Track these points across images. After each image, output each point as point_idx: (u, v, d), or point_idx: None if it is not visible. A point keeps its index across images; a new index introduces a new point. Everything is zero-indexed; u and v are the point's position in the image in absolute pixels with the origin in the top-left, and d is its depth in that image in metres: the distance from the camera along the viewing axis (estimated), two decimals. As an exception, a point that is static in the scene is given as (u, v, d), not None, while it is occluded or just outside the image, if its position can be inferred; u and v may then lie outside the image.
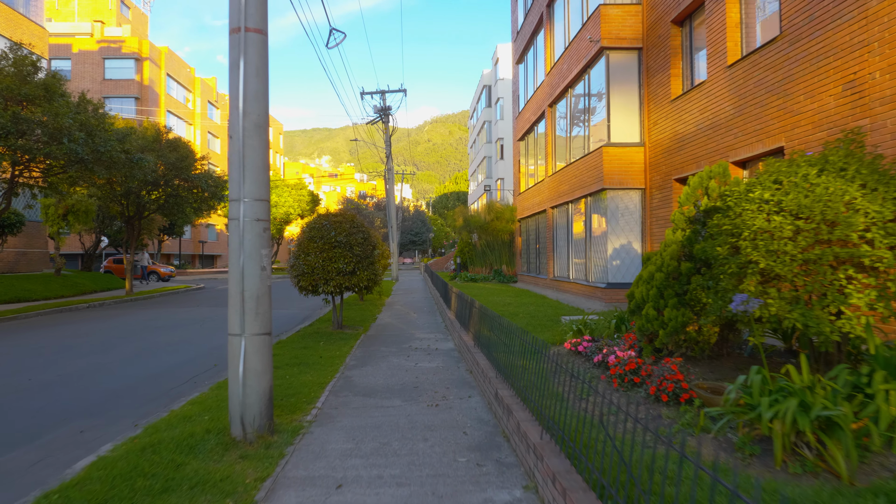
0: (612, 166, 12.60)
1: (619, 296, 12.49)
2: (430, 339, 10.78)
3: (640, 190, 12.79)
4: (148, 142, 23.61)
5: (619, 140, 12.82)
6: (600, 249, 13.35)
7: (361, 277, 11.87)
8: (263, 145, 5.07)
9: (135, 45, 51.46)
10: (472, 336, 8.47)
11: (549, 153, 18.13)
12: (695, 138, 10.38)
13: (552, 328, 10.26)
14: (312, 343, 10.48)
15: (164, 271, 36.74)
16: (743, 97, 8.78)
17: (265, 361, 5.00)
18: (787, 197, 4.31)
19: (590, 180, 13.65)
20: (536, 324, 10.88)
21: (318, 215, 12.58)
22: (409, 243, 79.27)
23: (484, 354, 7.22)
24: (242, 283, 4.90)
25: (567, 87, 15.67)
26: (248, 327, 4.90)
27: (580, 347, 7.08)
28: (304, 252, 11.92)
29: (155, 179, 22.72)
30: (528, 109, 21.10)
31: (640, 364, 5.65)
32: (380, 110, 33.73)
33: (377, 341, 10.75)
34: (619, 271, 12.74)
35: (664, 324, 5.87)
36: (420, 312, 15.74)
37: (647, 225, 12.57)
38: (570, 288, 15.62)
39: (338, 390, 6.83)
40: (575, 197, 14.93)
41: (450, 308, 12.35)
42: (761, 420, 3.55)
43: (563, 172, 16.23)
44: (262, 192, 5.02)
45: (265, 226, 5.04)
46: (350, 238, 11.91)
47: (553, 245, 17.98)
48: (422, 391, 6.71)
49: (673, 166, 11.31)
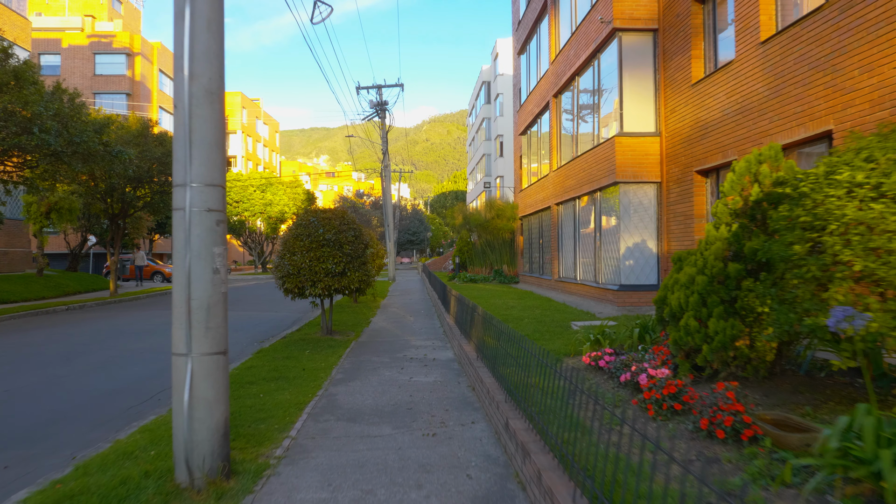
0: (625, 158, 11.59)
1: (632, 299, 11.50)
2: (427, 348, 9.78)
3: (655, 184, 11.79)
4: (132, 135, 22.55)
5: (633, 130, 11.81)
6: (611, 248, 12.35)
7: (352, 279, 10.88)
8: (216, 117, 4.06)
9: (126, 39, 50.37)
10: (474, 346, 7.47)
11: (553, 147, 17.11)
12: (720, 125, 9.38)
13: (562, 335, 9.26)
14: (297, 352, 9.48)
15: (168, 272, 35.74)
16: (780, 76, 7.78)
17: (219, 388, 3.99)
18: (888, 179, 3.31)
19: (600, 174, 12.64)
20: (545, 330, 9.88)
21: (305, 211, 11.60)
22: (406, 242, 78.31)
23: (489, 369, 6.22)
24: (189, 290, 3.89)
25: (574, 74, 14.66)
26: (195, 345, 3.89)
27: (602, 362, 6.07)
28: (289, 251, 10.94)
29: (139, 175, 21.66)
30: (530, 101, 20.08)
31: (680, 387, 4.64)
32: (376, 105, 32.69)
33: (369, 349, 9.74)
34: (633, 272, 11.73)
35: (708, 337, 4.86)
36: (417, 316, 14.74)
37: (664, 222, 11.56)
38: (578, 290, 14.62)
39: (318, 413, 5.82)
40: (583, 192, 13.93)
41: (449, 312, 11.35)
42: (884, 482, 2.55)
43: (570, 166, 15.23)
44: (214, 175, 4.00)
45: (219, 218, 4.03)
46: (340, 236, 10.92)
47: (558, 244, 16.97)
48: (417, 414, 5.70)
49: (694, 157, 10.31)
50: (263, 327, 13.70)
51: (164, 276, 35.84)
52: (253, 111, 78.01)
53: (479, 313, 7.10)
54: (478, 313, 7.26)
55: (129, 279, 35.91)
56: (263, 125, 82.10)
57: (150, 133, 23.22)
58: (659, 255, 11.73)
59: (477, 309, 7.45)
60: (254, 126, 77.86)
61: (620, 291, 11.59)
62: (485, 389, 5.68)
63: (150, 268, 36.22)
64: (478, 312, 7.28)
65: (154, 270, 36.16)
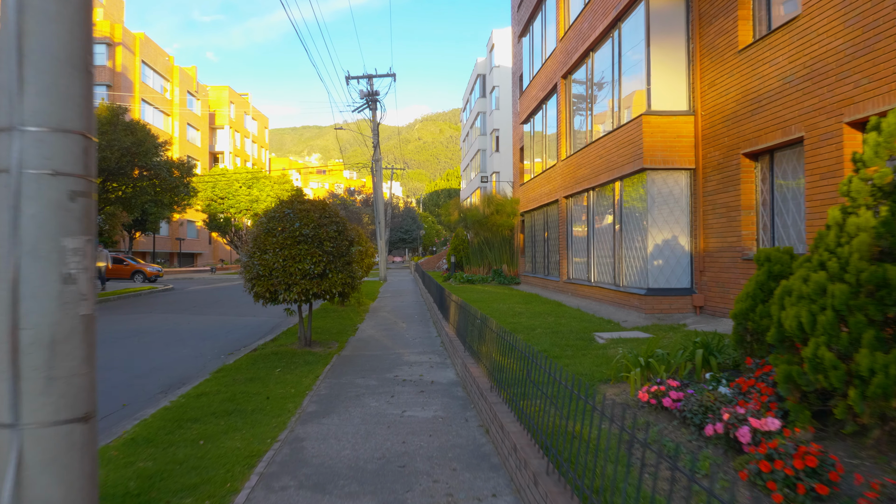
0: (653, 141, 9.95)
1: (662, 305, 9.87)
2: (424, 365, 8.12)
3: (687, 171, 10.15)
4: (100, 123, 20.75)
5: (662, 108, 10.16)
6: (636, 246, 10.71)
7: (334, 281, 9.22)
8: (74, 13, 2.36)
9: (106, 28, 48.31)
10: (484, 370, 5.81)
11: (562, 133, 15.45)
12: (779, 96, 7.76)
13: (588, 351, 7.63)
14: (265, 370, 7.80)
15: (150, 270, 33.84)
16: (872, 27, 6.17)
17: (73, 482, 2.31)
18: None
19: (622, 160, 11.00)
20: (564, 343, 8.24)
21: (280, 202, 9.92)
22: (398, 241, 76.62)
23: (508, 406, 4.58)
24: (14, 313, 2.21)
25: (588, 50, 13.01)
26: (28, 409, 2.21)
27: (667, 401, 4.42)
28: (259, 249, 9.28)
29: (107, 166, 19.88)
30: (534, 86, 18.41)
31: (820, 456, 3.01)
32: (366, 95, 30.92)
33: (353, 367, 8.07)
34: (663, 274, 10.09)
35: (855, 377, 3.22)
36: (410, 322, 13.08)
37: (699, 214, 9.91)
38: (592, 293, 12.98)
39: (275, 474, 4.15)
40: (600, 182, 12.27)
41: (448, 321, 9.69)
42: None
43: (583, 154, 13.58)
44: (67, 113, 2.32)
45: (76, 187, 2.34)
46: (320, 231, 9.27)
47: (567, 241, 15.31)
48: (412, 477, 4.04)
49: (741, 137, 8.68)
50: (237, 335, 12.03)
51: (145, 275, 33.95)
52: (241, 106, 75.97)
53: (492, 329, 5.44)
54: (490, 328, 5.61)
55: (111, 278, 33.95)
56: (252, 121, 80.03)
57: (121, 121, 21.44)
58: (692, 253, 10.09)
59: (488, 322, 5.79)
60: (242, 121, 75.83)
61: (648, 296, 9.95)
62: (507, 441, 4.03)
63: (130, 266, 34.22)
64: (489, 327, 5.63)
65: (134, 269, 34.17)
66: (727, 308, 9.03)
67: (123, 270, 33.89)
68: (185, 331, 12.50)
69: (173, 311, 16.66)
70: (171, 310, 17.24)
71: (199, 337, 11.68)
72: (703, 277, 9.77)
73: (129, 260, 34.56)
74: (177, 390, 7.11)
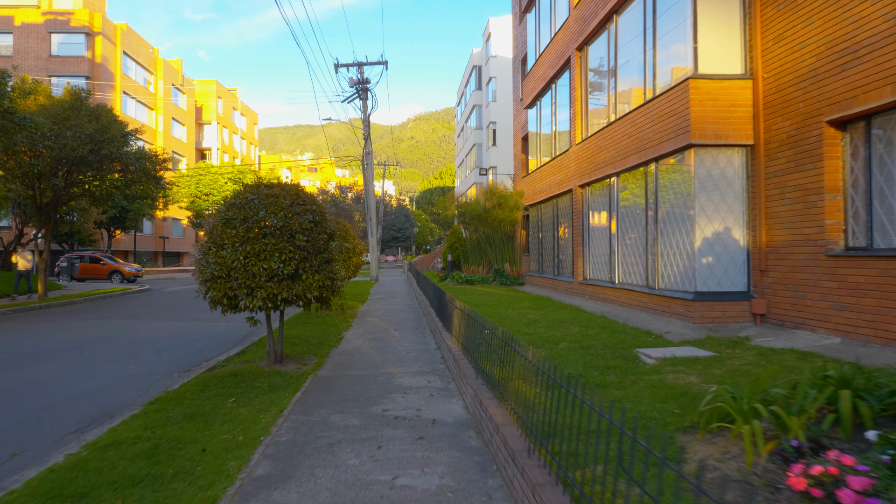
0: (703, 111, 8.11)
1: (714, 312, 8.03)
2: (421, 392, 6.25)
3: (743, 148, 8.33)
4: (61, 108, 18.69)
5: (712, 71, 8.33)
6: (678, 241, 8.87)
7: (309, 284, 7.39)
8: None
9: (85, 17, 46.10)
10: (511, 414, 3.93)
11: (577, 114, 13.58)
12: (888, 40, 5.95)
13: (636, 374, 5.79)
14: (215, 401, 5.92)
15: (129, 270, 31.88)
16: None
17: None
18: None
19: (659, 136, 9.16)
20: (601, 363, 6.39)
21: (245, 187, 8.05)
22: (391, 239, 74.64)
23: (561, 485, 2.72)
24: None
25: (611, 12, 11.16)
26: None
27: (847, 497, 2.56)
28: (215, 244, 7.43)
29: (66, 154, 17.83)
30: (542, 64, 16.52)
31: None
32: (356, 83, 28.99)
33: (330, 395, 6.20)
34: (713, 274, 8.25)
35: None
36: (403, 329, 11.23)
37: (760, 200, 8.05)
38: (617, 296, 11.12)
39: None
40: (628, 166, 10.42)
41: (450, 331, 7.84)
42: None
43: (605, 134, 11.73)
44: None
45: None
46: (290, 221, 7.43)
47: (583, 237, 13.43)
48: None
49: (825, 100, 6.82)
50: (202, 345, 10.20)
51: (123, 275, 31.93)
52: (229, 101, 73.69)
53: (531, 360, 3.57)
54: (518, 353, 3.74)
55: (87, 279, 31.81)
56: (241, 116, 77.75)
57: (85, 106, 19.38)
58: (749, 249, 8.26)
59: (517, 346, 3.92)
60: (230, 117, 73.55)
61: (696, 302, 8.10)
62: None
63: (107, 266, 32.18)
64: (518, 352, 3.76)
65: (112, 269, 32.13)
66: (802, 317, 7.21)
67: (100, 270, 31.86)
68: (142, 340, 10.63)
69: (139, 316, 14.75)
70: (138, 314, 15.34)
71: (156, 348, 9.81)
72: (764, 278, 7.94)
73: (107, 259, 32.44)
74: (94, 430, 5.24)
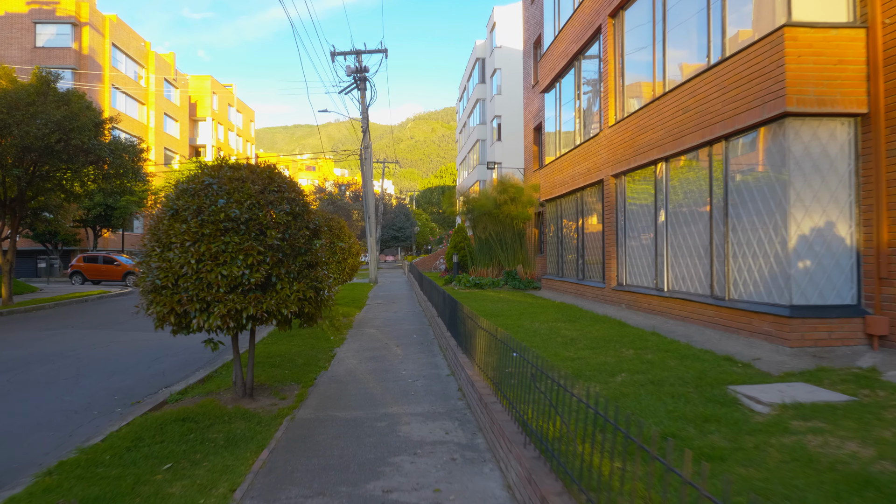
0: (802, 69, 6.23)
1: (818, 333, 6.14)
2: (438, 457, 4.29)
3: (852, 118, 6.46)
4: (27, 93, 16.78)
5: (811, 19, 6.46)
6: (762, 239, 6.96)
7: (286, 297, 5.50)
8: None
9: (71, 7, 44.16)
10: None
11: (610, 90, 11.66)
12: None
13: (749, 433, 3.88)
14: (141, 469, 3.98)
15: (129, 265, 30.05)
16: None
17: None
18: None
19: (734, 106, 7.25)
20: (689, 411, 4.48)
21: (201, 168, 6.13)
22: (390, 239, 72.65)
23: None
24: None
25: (658, -36, 9.29)
26: None
27: None
28: (160, 243, 5.52)
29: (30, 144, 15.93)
30: (563, 39, 14.59)
31: None
32: (354, 72, 27.07)
33: (309, 454, 4.27)
34: (814, 283, 6.34)
35: None
36: (407, 345, 9.33)
37: (880, 187, 6.13)
38: (667, 307, 9.20)
39: None
40: (685, 147, 8.51)
41: (469, 354, 5.93)
42: None
43: (650, 111, 9.82)
44: None
45: None
46: (260, 213, 5.53)
47: (618, 235, 11.50)
48: None
49: None
50: (165, 364, 8.38)
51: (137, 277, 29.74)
52: (224, 97, 71.68)
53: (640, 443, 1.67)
54: (630, 437, 1.86)
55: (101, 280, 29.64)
56: (237, 113, 75.72)
57: (52, 90, 17.47)
58: (860, 250, 6.38)
59: (612, 415, 2.01)
60: (226, 113, 71.53)
61: (794, 319, 6.19)
62: None
63: (122, 267, 29.85)
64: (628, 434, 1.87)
65: (127, 271, 29.70)
66: (949, 341, 5.34)
67: (115, 271, 29.67)
68: (96, 358, 8.79)
69: (105, 325, 12.88)
70: (105, 322, 13.47)
71: (108, 369, 7.96)
72: (886, 289, 6.06)
73: (122, 260, 30.22)
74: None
